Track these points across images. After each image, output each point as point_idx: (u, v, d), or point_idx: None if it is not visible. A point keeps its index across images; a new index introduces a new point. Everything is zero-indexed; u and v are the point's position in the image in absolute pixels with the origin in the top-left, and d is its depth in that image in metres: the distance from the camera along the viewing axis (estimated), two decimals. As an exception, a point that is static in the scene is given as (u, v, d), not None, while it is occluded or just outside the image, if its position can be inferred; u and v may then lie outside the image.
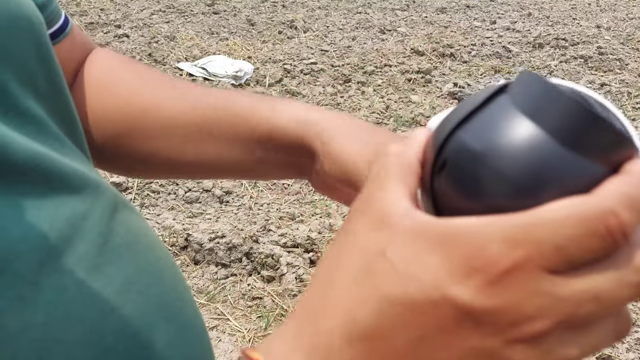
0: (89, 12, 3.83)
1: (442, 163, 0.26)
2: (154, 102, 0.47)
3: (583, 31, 3.63)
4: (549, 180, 0.22)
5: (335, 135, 0.42)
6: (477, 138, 0.25)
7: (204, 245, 1.79)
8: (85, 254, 0.30)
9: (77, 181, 0.32)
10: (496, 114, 0.25)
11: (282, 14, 3.93)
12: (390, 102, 2.75)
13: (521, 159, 0.23)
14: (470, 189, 0.24)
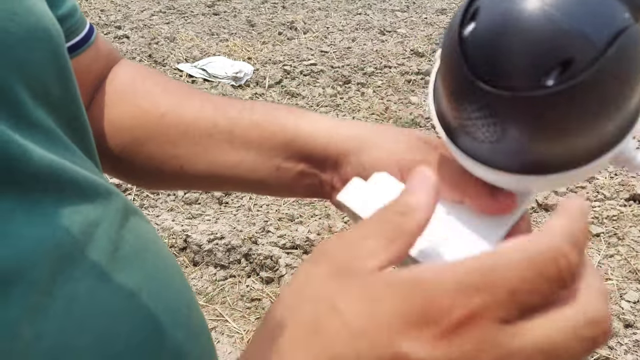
0: (89, 13, 3.84)
1: (475, 10, 0.27)
2: (172, 108, 0.47)
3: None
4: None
5: (367, 137, 0.40)
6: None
7: (203, 246, 1.79)
8: (97, 261, 0.31)
9: (89, 189, 0.33)
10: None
11: (282, 15, 3.93)
12: (389, 103, 2.75)
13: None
14: (508, 30, 0.26)
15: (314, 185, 0.43)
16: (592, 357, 1.50)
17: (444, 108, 0.32)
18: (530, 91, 0.26)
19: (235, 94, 2.78)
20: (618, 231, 1.92)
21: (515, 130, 0.28)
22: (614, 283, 1.75)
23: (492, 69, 0.27)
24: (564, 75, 0.26)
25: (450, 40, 0.29)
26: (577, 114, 0.27)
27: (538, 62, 0.26)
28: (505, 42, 0.26)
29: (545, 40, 0.26)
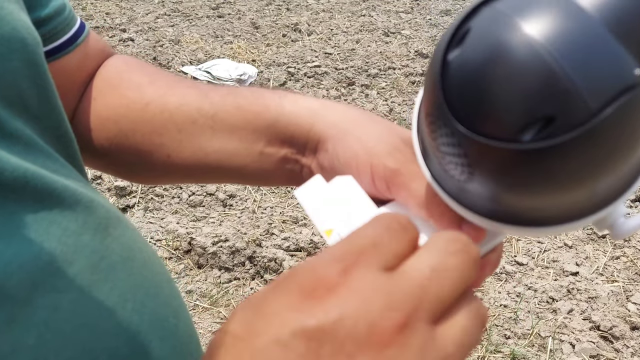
0: (95, 16, 3.85)
1: (465, 33, 0.24)
2: (156, 97, 0.46)
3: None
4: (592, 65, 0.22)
5: (350, 127, 0.38)
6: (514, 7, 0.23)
7: (208, 249, 1.79)
8: (80, 271, 0.30)
9: (69, 198, 0.32)
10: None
11: (286, 17, 3.93)
12: (394, 105, 2.75)
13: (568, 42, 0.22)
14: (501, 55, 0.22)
15: (295, 171, 0.42)
16: (599, 359, 1.50)
17: (422, 124, 0.30)
18: (503, 142, 0.23)
19: (240, 96, 2.79)
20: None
21: (483, 178, 0.25)
22: (620, 285, 1.73)
23: (468, 107, 0.24)
24: (544, 132, 0.22)
25: (434, 60, 0.26)
26: (554, 175, 0.24)
27: (518, 112, 0.22)
28: (487, 80, 0.23)
29: (532, 88, 0.22)
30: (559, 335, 1.57)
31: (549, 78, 0.22)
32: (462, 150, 0.25)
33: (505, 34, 0.23)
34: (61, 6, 0.45)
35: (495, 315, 1.64)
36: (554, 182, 0.24)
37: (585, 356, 1.50)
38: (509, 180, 0.25)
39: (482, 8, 0.24)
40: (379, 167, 0.35)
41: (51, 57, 0.44)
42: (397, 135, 0.37)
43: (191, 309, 1.65)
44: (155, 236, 1.89)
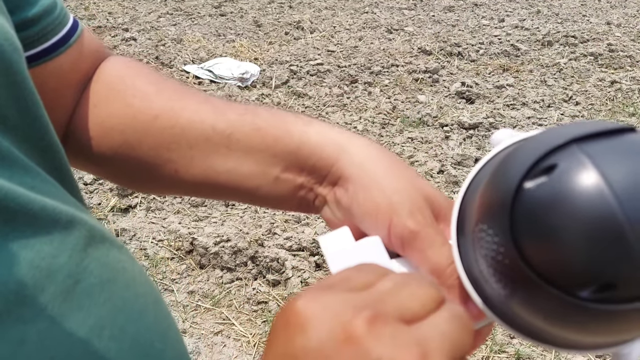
0: (97, 15, 3.85)
1: (550, 167, 0.24)
2: (166, 110, 0.43)
3: (593, 28, 3.58)
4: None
5: (375, 175, 0.38)
6: (604, 156, 0.23)
7: (209, 249, 1.78)
8: (52, 299, 0.28)
9: (46, 218, 0.30)
10: (629, 146, 0.23)
11: (288, 15, 3.92)
12: (397, 102, 2.73)
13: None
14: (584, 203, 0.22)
15: (307, 199, 0.41)
16: (605, 357, 1.48)
17: (468, 207, 0.30)
18: (557, 290, 0.23)
19: (242, 95, 2.78)
20: None
21: (519, 302, 0.26)
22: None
23: (533, 243, 0.24)
24: (600, 294, 0.22)
25: (508, 180, 0.25)
26: (588, 328, 0.24)
27: (582, 269, 0.22)
28: (562, 225, 0.23)
29: (600, 250, 0.22)
30: (564, 334, 1.55)
31: (619, 245, 0.22)
32: (511, 273, 0.25)
33: (588, 184, 0.22)
34: (51, 4, 0.42)
35: (499, 314, 1.63)
36: (586, 331, 0.25)
37: (591, 355, 1.48)
38: (544, 316, 0.25)
39: (571, 145, 0.24)
40: (398, 226, 0.35)
41: (43, 59, 0.42)
42: (421, 192, 0.37)
43: (193, 310, 1.64)
44: (157, 236, 1.88)
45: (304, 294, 0.25)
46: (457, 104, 2.74)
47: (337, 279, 0.26)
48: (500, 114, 2.58)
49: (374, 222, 0.36)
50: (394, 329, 0.23)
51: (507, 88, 2.85)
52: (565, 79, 2.96)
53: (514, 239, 0.24)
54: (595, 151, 0.23)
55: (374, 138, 2.41)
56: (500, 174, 0.26)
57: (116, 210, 2.01)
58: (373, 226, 0.36)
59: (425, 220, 0.35)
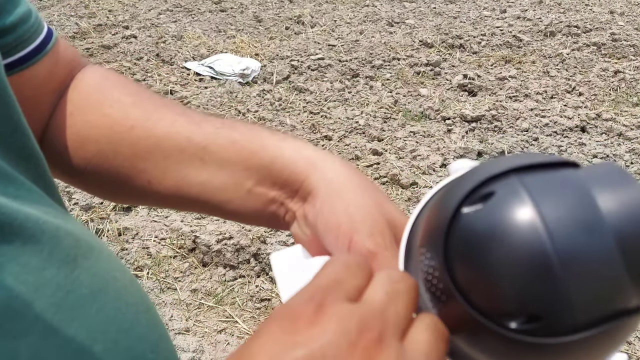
0: (97, 13, 3.85)
1: (487, 195, 0.24)
2: (142, 121, 0.44)
3: (596, 17, 3.55)
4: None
5: (341, 192, 0.38)
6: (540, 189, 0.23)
7: (212, 247, 1.78)
8: (42, 312, 0.27)
9: (32, 229, 0.29)
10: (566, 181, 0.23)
11: (289, 10, 3.90)
12: (398, 96, 2.72)
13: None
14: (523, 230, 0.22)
15: (278, 215, 0.41)
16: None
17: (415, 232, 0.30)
18: (484, 318, 0.23)
19: (243, 91, 2.77)
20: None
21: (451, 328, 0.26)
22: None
23: (462, 267, 0.24)
24: (527, 325, 0.23)
25: (446, 205, 0.26)
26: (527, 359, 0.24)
27: (510, 299, 0.22)
28: (491, 253, 0.23)
29: (528, 283, 0.22)
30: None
31: (547, 279, 0.22)
32: (442, 296, 0.26)
33: (522, 215, 0.22)
34: (26, 13, 0.42)
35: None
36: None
37: None
38: (473, 344, 0.25)
39: (512, 175, 0.24)
40: (357, 245, 0.35)
41: (19, 67, 0.42)
42: (385, 214, 0.37)
43: (196, 308, 1.65)
44: (159, 235, 1.88)
45: (300, 297, 0.25)
46: (459, 96, 2.72)
47: (329, 281, 0.26)
48: (503, 106, 2.57)
49: (335, 239, 0.36)
50: (397, 353, 0.23)
51: (510, 80, 2.83)
52: (568, 69, 2.93)
53: (447, 263, 0.25)
54: (533, 183, 0.23)
55: (376, 132, 2.40)
56: (442, 199, 0.27)
57: (118, 210, 2.01)
58: (334, 243, 0.36)
59: (384, 242, 0.35)
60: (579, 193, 0.23)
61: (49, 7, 3.98)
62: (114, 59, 3.11)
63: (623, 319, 0.22)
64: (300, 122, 2.52)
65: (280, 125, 2.48)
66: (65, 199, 2.03)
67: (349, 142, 2.35)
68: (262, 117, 2.54)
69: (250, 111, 2.58)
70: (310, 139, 2.39)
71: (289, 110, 2.62)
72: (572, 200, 0.23)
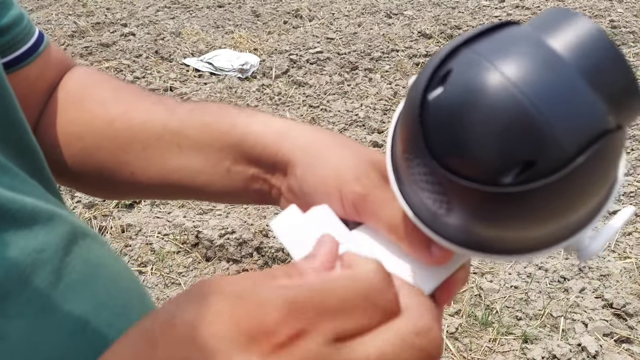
0: (96, 12, 3.85)
1: (445, 74, 0.25)
2: (121, 113, 0.44)
3: (595, 4, 3.54)
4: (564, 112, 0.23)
5: (318, 151, 0.38)
6: (494, 51, 0.24)
7: (215, 241, 1.79)
8: (36, 294, 0.28)
9: (26, 216, 0.30)
10: (514, 37, 0.24)
11: (287, 4, 3.90)
12: (398, 87, 2.72)
13: (542, 85, 0.23)
14: (484, 100, 0.23)
15: (264, 190, 0.42)
16: (612, 337, 1.48)
17: (397, 155, 0.30)
18: (483, 185, 0.24)
19: (242, 86, 2.77)
20: (636, 208, 1.88)
21: (461, 214, 0.26)
22: (632, 261, 1.71)
23: (448, 149, 0.25)
24: (522, 175, 0.23)
25: (412, 98, 0.26)
26: (530, 214, 0.25)
27: (498, 156, 0.23)
28: (468, 123, 0.23)
29: (511, 134, 0.23)
30: (571, 314, 1.55)
31: (528, 124, 0.23)
32: (441, 188, 0.26)
33: (486, 78, 0.23)
34: (19, 16, 0.44)
35: (506, 297, 1.63)
36: (530, 219, 0.25)
37: (599, 335, 1.48)
38: (487, 218, 0.26)
39: (462, 49, 0.25)
40: (347, 193, 0.35)
41: (11, 68, 0.43)
42: (366, 158, 0.37)
43: (201, 302, 1.66)
44: (162, 230, 1.89)
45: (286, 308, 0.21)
46: (458, 87, 2.72)
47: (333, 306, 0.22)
48: (503, 96, 2.57)
49: (325, 196, 0.36)
50: None
51: (509, 69, 2.82)
52: (568, 57, 2.93)
53: (430, 152, 0.25)
54: (483, 48, 0.24)
55: (376, 124, 2.40)
56: (407, 102, 0.27)
57: (121, 206, 2.02)
58: (326, 200, 0.36)
59: (372, 182, 0.35)
60: (529, 42, 0.24)
61: (47, 6, 3.98)
62: (113, 56, 3.11)
63: (606, 138, 0.23)
64: (300, 116, 2.52)
65: (281, 120, 2.49)
66: (68, 197, 2.04)
67: (349, 135, 2.35)
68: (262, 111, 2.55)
69: (250, 106, 2.59)
70: (311, 132, 2.39)
71: (289, 104, 2.62)
72: (525, 49, 0.23)
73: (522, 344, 1.48)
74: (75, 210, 1.98)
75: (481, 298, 1.62)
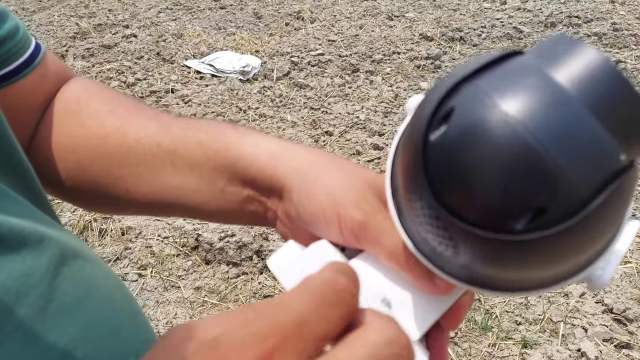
0: (97, 13, 3.85)
1: (448, 112, 0.23)
2: (116, 128, 0.44)
3: (597, 7, 3.53)
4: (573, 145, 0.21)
5: (314, 175, 0.37)
6: (497, 87, 0.22)
7: (215, 244, 1.79)
8: (23, 322, 0.28)
9: (13, 239, 0.30)
10: (518, 70, 0.23)
11: (288, 5, 3.90)
12: (399, 90, 2.72)
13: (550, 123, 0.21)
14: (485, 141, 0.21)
15: (259, 212, 0.41)
16: (612, 342, 1.48)
17: (399, 190, 0.28)
18: (491, 232, 0.22)
19: (244, 88, 2.77)
20: (637, 212, 1.88)
21: (468, 257, 0.25)
22: (633, 266, 1.71)
23: (453, 193, 0.23)
24: (534, 222, 0.22)
25: (414, 137, 0.24)
26: (541, 258, 0.23)
27: (507, 203, 0.21)
28: (474, 167, 0.22)
29: (521, 179, 0.21)
30: (571, 319, 1.55)
31: (539, 168, 0.21)
32: (447, 232, 0.24)
33: (490, 118, 0.22)
34: (14, 28, 0.43)
35: (505, 301, 1.62)
36: (540, 262, 0.23)
37: (599, 340, 1.48)
38: (495, 261, 0.24)
39: (464, 85, 0.23)
40: (346, 219, 0.34)
41: (7, 81, 0.43)
42: (364, 181, 0.36)
43: (200, 305, 1.66)
44: (162, 234, 1.89)
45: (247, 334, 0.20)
46: (459, 89, 2.72)
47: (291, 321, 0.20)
48: (504, 99, 2.56)
49: (323, 223, 0.35)
50: None
51: (510, 72, 2.82)
52: (569, 60, 2.92)
53: (435, 195, 0.23)
54: (486, 84, 0.22)
55: (377, 127, 2.40)
56: (408, 137, 0.25)
57: (121, 209, 2.03)
58: (324, 227, 0.35)
59: (371, 208, 0.34)
60: (533, 76, 0.22)
61: (48, 7, 3.98)
62: (114, 58, 3.11)
63: (621, 177, 0.22)
64: (301, 118, 2.52)
65: (281, 122, 2.49)
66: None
67: (350, 137, 2.35)
68: (263, 113, 2.55)
69: (251, 108, 2.59)
70: (311, 134, 2.39)
71: (290, 106, 2.62)
72: (530, 84, 0.22)
73: (521, 349, 1.48)
74: (76, 213, 1.98)
75: (481, 302, 1.62)
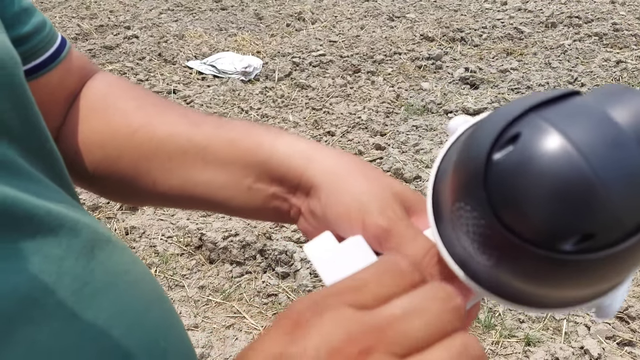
0: (99, 14, 3.86)
1: (514, 137, 0.25)
2: (145, 124, 0.45)
3: (597, 7, 3.54)
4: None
5: (342, 178, 0.38)
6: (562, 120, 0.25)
7: (218, 244, 1.80)
8: (62, 301, 0.29)
9: (52, 222, 0.31)
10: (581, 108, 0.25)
11: (289, 6, 3.91)
12: (400, 90, 2.72)
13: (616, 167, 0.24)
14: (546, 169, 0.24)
15: (283, 209, 0.42)
16: (615, 340, 1.48)
17: (442, 188, 0.30)
18: (539, 248, 0.25)
19: (245, 88, 2.78)
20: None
21: (507, 269, 0.27)
22: (635, 264, 1.71)
23: (511, 210, 0.25)
24: (581, 245, 0.24)
25: (476, 153, 0.26)
26: (576, 279, 0.26)
27: (560, 224, 0.24)
28: (534, 188, 0.24)
29: (576, 204, 0.24)
30: (573, 317, 1.56)
31: (594, 199, 0.23)
32: (493, 243, 0.27)
33: (554, 146, 0.24)
34: (41, 23, 0.44)
35: (508, 299, 1.63)
36: (574, 283, 0.26)
37: (601, 338, 1.48)
38: (533, 277, 0.26)
39: (529, 114, 0.26)
40: (371, 225, 0.35)
41: (33, 75, 0.44)
42: (389, 190, 0.37)
43: (204, 304, 1.66)
44: (166, 233, 1.90)
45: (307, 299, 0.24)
46: (461, 90, 2.73)
47: (351, 284, 0.25)
48: (505, 99, 2.57)
49: (348, 225, 0.36)
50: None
51: (512, 72, 2.83)
52: (570, 60, 2.93)
53: (493, 210, 0.26)
54: (552, 116, 0.25)
55: (379, 127, 2.41)
56: (467, 152, 0.28)
57: (125, 209, 2.03)
58: (348, 228, 0.36)
59: (396, 215, 0.35)
60: (595, 115, 0.25)
61: (50, 8, 3.99)
62: (116, 59, 3.12)
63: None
64: (303, 118, 2.53)
65: (283, 122, 2.50)
66: (72, 200, 2.05)
67: (351, 137, 2.36)
68: (265, 114, 2.56)
69: (253, 109, 2.60)
70: (313, 135, 2.40)
71: (292, 107, 2.63)
72: (592, 122, 0.24)
73: (524, 347, 1.48)
74: (80, 213, 1.99)
75: (484, 300, 1.63)
